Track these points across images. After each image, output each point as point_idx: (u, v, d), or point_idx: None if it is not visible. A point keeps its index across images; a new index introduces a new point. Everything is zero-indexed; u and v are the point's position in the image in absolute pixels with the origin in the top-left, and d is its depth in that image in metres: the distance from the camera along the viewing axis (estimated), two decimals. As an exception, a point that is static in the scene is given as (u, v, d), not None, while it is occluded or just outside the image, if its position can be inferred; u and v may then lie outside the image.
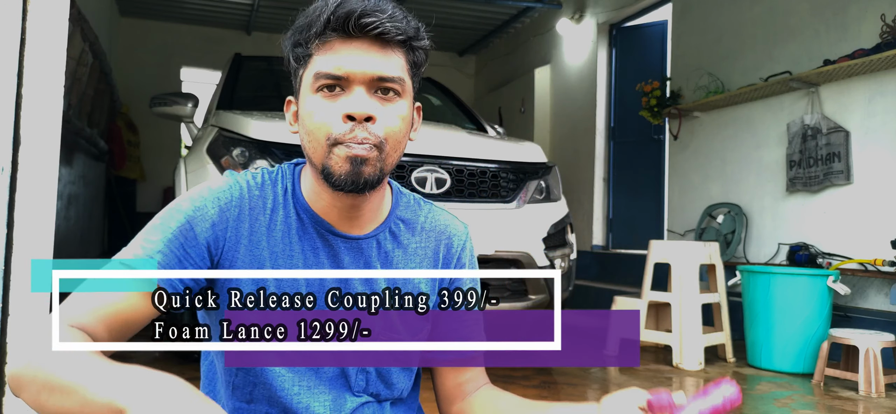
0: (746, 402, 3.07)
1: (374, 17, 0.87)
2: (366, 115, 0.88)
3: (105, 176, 7.34)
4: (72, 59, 4.54)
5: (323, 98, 0.90)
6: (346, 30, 0.88)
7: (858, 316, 3.86)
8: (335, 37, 0.89)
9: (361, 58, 0.88)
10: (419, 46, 0.94)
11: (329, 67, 0.89)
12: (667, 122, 5.62)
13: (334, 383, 0.98)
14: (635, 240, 6.15)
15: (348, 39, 0.88)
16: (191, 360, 3.32)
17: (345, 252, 0.98)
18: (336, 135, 0.88)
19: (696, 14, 5.37)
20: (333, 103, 0.89)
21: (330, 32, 0.89)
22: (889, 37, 3.79)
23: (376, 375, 1.00)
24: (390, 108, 0.91)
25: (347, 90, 0.89)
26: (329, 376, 0.98)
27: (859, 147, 4.00)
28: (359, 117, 0.88)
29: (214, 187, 0.95)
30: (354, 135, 0.88)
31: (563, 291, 3.41)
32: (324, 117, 0.89)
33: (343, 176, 0.89)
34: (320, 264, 0.97)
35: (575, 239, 3.56)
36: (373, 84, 0.89)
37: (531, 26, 7.93)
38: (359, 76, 0.88)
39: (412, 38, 0.92)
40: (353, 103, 0.88)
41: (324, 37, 0.89)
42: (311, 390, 0.96)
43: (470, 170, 3.12)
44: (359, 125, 0.88)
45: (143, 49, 8.18)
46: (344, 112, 0.88)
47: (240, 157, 2.89)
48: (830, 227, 4.14)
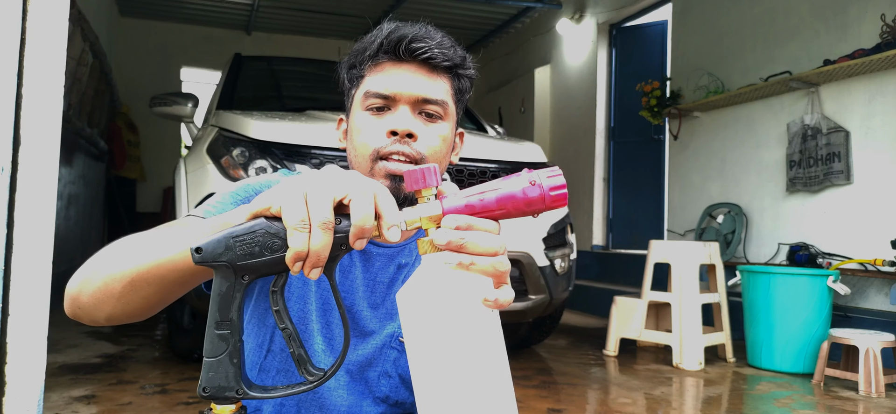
0: (746, 402, 3.07)
1: (424, 44, 0.93)
2: (407, 132, 0.93)
3: (105, 176, 7.34)
4: (72, 59, 4.54)
5: (371, 115, 0.95)
6: (397, 53, 0.94)
7: (858, 316, 3.86)
8: (386, 60, 0.95)
9: (408, 79, 0.94)
10: (464, 74, 0.99)
11: (378, 87, 0.94)
12: (667, 122, 5.62)
13: (352, 389, 0.99)
14: (635, 240, 6.15)
15: (399, 63, 0.95)
16: (191, 359, 3.32)
17: (376, 258, 1.01)
18: (378, 148, 0.93)
19: (696, 14, 5.37)
20: (379, 120, 0.94)
21: (382, 55, 0.95)
22: (889, 37, 3.79)
23: (400, 381, 1.01)
24: (432, 128, 0.95)
25: (393, 109, 0.94)
26: (348, 381, 0.99)
27: (859, 147, 4.00)
28: (401, 133, 0.92)
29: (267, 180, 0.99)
30: (396, 148, 0.93)
31: (564, 291, 3.42)
32: (369, 133, 0.94)
33: None
34: (353, 269, 1.00)
35: (575, 239, 3.56)
36: (417, 105, 0.95)
37: (531, 26, 7.94)
38: (405, 96, 0.94)
39: (458, 65, 0.98)
40: (396, 120, 0.93)
41: (376, 59, 0.95)
42: (331, 391, 0.98)
43: (470, 170, 3.12)
44: (400, 141, 0.93)
45: (143, 49, 8.18)
46: (388, 128, 0.93)
47: (240, 158, 2.89)
48: (830, 227, 4.15)
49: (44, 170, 0.90)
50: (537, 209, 0.64)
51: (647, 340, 3.88)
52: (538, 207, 0.64)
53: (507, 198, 0.64)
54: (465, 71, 0.99)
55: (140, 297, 0.76)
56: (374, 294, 1.00)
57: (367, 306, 1.00)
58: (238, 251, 0.60)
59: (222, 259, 0.60)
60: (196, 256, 0.60)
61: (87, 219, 6.12)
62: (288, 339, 0.63)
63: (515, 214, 0.65)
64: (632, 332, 3.86)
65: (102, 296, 0.76)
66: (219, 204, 0.91)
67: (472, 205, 0.64)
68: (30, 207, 0.88)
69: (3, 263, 0.87)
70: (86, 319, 0.80)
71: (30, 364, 0.98)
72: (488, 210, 0.64)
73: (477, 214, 0.64)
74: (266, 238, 0.60)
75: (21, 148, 0.87)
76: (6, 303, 0.88)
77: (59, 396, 2.66)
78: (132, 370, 3.15)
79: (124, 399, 2.66)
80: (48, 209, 0.89)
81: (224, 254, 0.60)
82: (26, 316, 0.92)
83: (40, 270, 0.90)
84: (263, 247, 0.60)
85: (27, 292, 0.90)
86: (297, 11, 7.76)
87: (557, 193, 0.63)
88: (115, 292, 0.75)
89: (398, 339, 1.00)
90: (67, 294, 0.80)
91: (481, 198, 0.64)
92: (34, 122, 0.88)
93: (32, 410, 1.00)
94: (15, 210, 0.87)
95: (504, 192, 0.64)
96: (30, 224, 0.88)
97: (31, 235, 0.88)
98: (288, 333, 0.63)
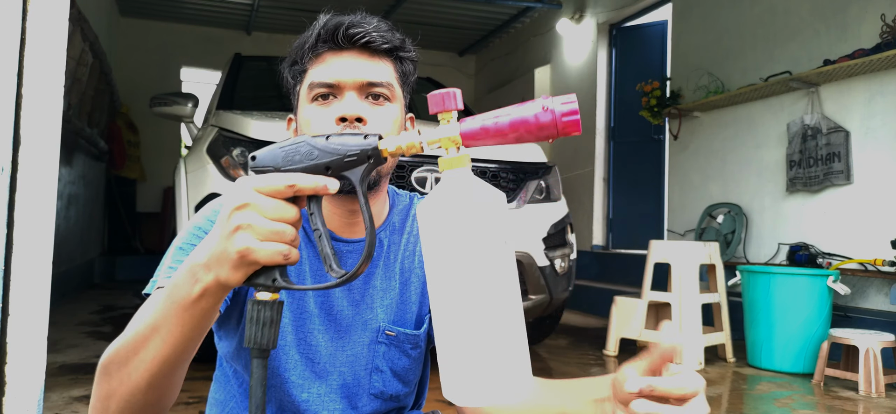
0: (746, 402, 3.07)
1: (361, 28, 0.94)
2: (356, 116, 0.92)
3: (105, 176, 7.34)
4: (72, 59, 4.54)
5: (318, 106, 0.95)
6: (335, 41, 0.94)
7: (858, 316, 3.86)
8: (326, 49, 0.95)
9: (351, 65, 0.94)
10: (406, 57, 0.99)
11: (322, 76, 0.94)
12: (667, 122, 5.62)
13: (345, 391, 0.99)
14: (635, 240, 6.15)
15: (339, 51, 0.95)
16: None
17: (348, 255, 1.00)
18: None
19: (696, 14, 5.37)
20: (327, 109, 0.94)
21: (321, 46, 0.95)
22: (889, 37, 3.79)
23: (391, 374, 1.01)
24: (380, 111, 0.95)
25: (340, 96, 0.94)
26: (339, 383, 0.99)
27: (859, 147, 4.00)
28: (350, 118, 0.92)
29: (212, 207, 0.97)
30: None
31: (564, 291, 3.41)
32: (318, 122, 0.94)
33: None
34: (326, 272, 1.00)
35: (575, 239, 3.56)
36: (363, 89, 0.94)
37: (531, 26, 7.93)
38: (349, 83, 0.94)
39: (398, 48, 0.98)
40: (344, 106, 0.93)
41: (316, 50, 0.96)
42: (322, 398, 0.98)
43: (470, 170, 3.12)
44: (350, 126, 0.92)
45: (143, 49, 8.18)
46: (337, 115, 0.93)
47: (240, 158, 2.89)
48: (830, 227, 4.15)
49: (44, 170, 0.90)
50: (549, 134, 0.65)
51: (647, 340, 3.88)
52: (550, 133, 0.64)
53: (520, 122, 0.65)
54: (407, 53, 0.99)
55: (168, 382, 0.76)
56: (352, 291, 1.00)
57: (348, 305, 0.99)
58: (282, 160, 0.69)
59: (270, 166, 0.69)
60: (252, 163, 0.68)
61: (87, 219, 6.12)
62: (318, 239, 0.68)
63: (528, 138, 0.66)
64: (632, 332, 3.86)
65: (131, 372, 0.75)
66: (179, 260, 0.89)
67: (487, 127, 0.66)
68: (30, 206, 0.88)
69: (3, 263, 0.87)
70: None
71: (30, 364, 0.98)
72: (501, 133, 0.66)
73: (490, 135, 0.66)
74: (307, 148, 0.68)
75: (21, 148, 0.87)
76: (6, 303, 0.88)
77: (59, 396, 2.66)
78: (132, 370, 3.15)
79: (124, 399, 2.65)
80: (48, 209, 0.89)
81: (271, 162, 0.69)
82: (26, 316, 0.92)
83: (40, 270, 0.90)
84: (304, 155, 0.68)
85: (27, 292, 0.90)
86: (297, 11, 7.76)
87: (569, 119, 0.64)
88: (140, 403, 0.76)
89: (385, 333, 1.00)
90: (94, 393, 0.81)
91: (496, 121, 0.66)
92: (34, 122, 0.88)
93: (32, 410, 1.00)
94: (15, 210, 0.87)
95: (516, 117, 0.66)
96: (30, 224, 0.88)
97: (31, 235, 0.88)
98: (318, 233, 0.68)
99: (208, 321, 0.72)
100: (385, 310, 1.01)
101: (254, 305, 0.67)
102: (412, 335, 1.02)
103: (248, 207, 0.64)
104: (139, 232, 7.92)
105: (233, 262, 0.64)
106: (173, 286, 0.71)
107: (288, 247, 0.65)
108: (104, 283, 6.89)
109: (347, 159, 0.67)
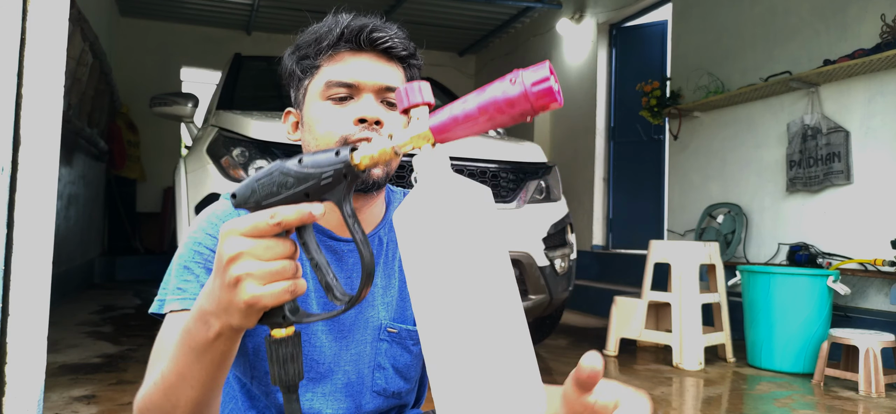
0: (746, 402, 3.07)
1: (384, 33, 0.95)
2: (376, 119, 0.93)
3: (105, 176, 7.34)
4: (72, 59, 4.54)
5: (333, 105, 0.95)
6: (357, 43, 0.95)
7: (858, 316, 3.86)
8: (345, 49, 0.96)
9: (370, 67, 0.95)
10: (415, 64, 1.02)
11: (341, 76, 0.95)
12: (667, 122, 5.62)
13: (349, 390, 1.00)
14: (635, 240, 6.15)
15: (358, 52, 0.96)
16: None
17: (347, 256, 1.00)
18: (346, 135, 0.93)
19: (696, 14, 5.37)
20: (343, 109, 0.95)
21: (342, 45, 0.95)
22: (889, 37, 3.79)
23: (394, 371, 1.02)
24: (395, 115, 0.96)
25: (357, 98, 0.95)
26: (343, 382, 0.99)
27: (859, 147, 4.00)
28: (370, 120, 0.93)
29: (207, 217, 0.95)
30: (366, 135, 0.93)
31: (564, 291, 3.41)
32: (333, 121, 0.94)
33: None
34: None
35: (575, 239, 3.56)
36: (380, 93, 0.96)
37: (531, 26, 7.94)
38: (369, 85, 0.95)
39: (411, 55, 1.00)
40: (363, 108, 0.94)
41: (336, 48, 0.96)
42: (326, 398, 0.98)
43: (470, 170, 3.12)
44: (369, 128, 0.93)
45: (142, 49, 8.18)
46: (356, 116, 0.94)
47: (240, 158, 2.89)
48: (830, 227, 4.15)
49: (44, 170, 0.90)
50: (523, 110, 0.56)
51: (647, 339, 3.88)
52: (523, 108, 0.56)
53: (489, 103, 0.57)
54: (416, 62, 1.01)
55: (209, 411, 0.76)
56: (352, 290, 1.00)
57: None
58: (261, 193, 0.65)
59: (250, 202, 0.65)
60: (233, 201, 0.66)
61: (87, 219, 6.12)
62: (315, 268, 0.65)
63: (502, 119, 0.58)
64: (632, 332, 3.86)
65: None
66: (187, 279, 0.89)
67: (455, 116, 0.59)
68: (30, 206, 0.88)
69: (3, 263, 0.87)
70: None
71: (30, 364, 0.98)
72: (471, 118, 0.58)
73: (460, 124, 0.59)
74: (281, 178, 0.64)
75: (21, 148, 0.87)
76: (6, 303, 0.88)
77: (59, 396, 2.66)
78: (132, 370, 3.15)
79: (124, 399, 2.65)
80: (48, 209, 0.89)
81: (250, 197, 0.65)
82: (26, 316, 0.92)
83: (40, 270, 0.90)
84: (279, 186, 0.64)
85: (27, 292, 0.90)
86: (297, 11, 7.76)
87: (541, 88, 0.55)
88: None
89: (387, 330, 1.01)
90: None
91: (464, 107, 0.59)
92: (34, 122, 0.88)
93: (32, 410, 1.00)
94: (15, 210, 0.87)
95: (485, 98, 0.57)
96: (30, 224, 0.88)
97: (31, 235, 0.88)
98: (314, 262, 0.65)
99: (229, 360, 0.72)
100: (386, 307, 1.02)
101: (271, 345, 0.65)
102: (413, 331, 1.03)
103: (243, 257, 0.62)
104: (139, 232, 7.92)
105: (242, 311, 0.64)
106: (186, 332, 0.71)
107: (292, 282, 0.63)
108: (104, 283, 6.89)
109: (324, 183, 0.62)
